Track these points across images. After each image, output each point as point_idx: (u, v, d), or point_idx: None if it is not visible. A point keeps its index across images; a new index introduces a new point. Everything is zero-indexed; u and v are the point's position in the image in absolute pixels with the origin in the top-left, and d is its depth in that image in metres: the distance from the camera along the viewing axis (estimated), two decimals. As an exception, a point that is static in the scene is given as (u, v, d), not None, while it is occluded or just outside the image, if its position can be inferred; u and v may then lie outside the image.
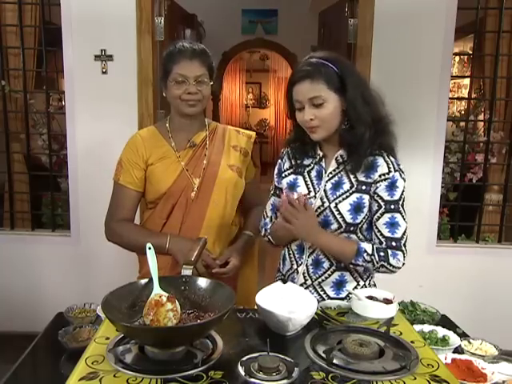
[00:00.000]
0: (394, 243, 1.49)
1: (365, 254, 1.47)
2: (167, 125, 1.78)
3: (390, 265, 1.48)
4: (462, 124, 3.19)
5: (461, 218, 3.17)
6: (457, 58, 4.46)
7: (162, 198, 1.72)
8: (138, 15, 2.84)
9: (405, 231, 1.50)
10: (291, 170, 1.63)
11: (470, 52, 3.70)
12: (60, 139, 3.20)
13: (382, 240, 1.50)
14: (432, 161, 2.98)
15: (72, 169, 3.02)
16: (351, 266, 1.52)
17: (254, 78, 10.43)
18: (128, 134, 1.81)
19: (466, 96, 3.29)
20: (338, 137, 1.54)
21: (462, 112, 3.36)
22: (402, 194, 1.50)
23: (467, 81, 3.61)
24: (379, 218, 1.50)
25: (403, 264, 1.50)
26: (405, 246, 1.50)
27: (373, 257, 1.47)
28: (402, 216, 1.50)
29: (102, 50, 2.87)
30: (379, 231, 1.50)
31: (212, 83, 1.71)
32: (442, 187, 3.06)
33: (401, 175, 1.50)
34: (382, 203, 1.49)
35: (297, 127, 1.58)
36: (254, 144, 1.88)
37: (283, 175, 1.64)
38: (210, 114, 7.09)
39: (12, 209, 3.25)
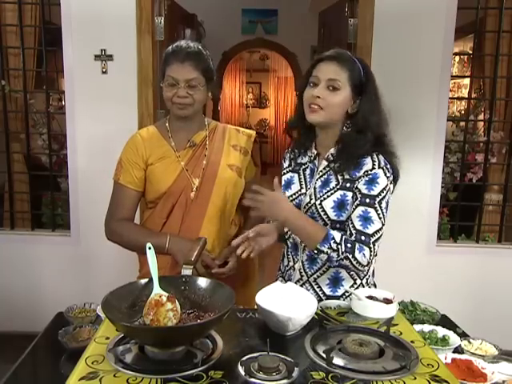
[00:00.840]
0: (363, 237, 1.43)
1: (332, 241, 1.41)
2: (167, 124, 1.78)
3: (355, 258, 1.41)
4: (462, 124, 3.19)
5: (461, 217, 3.17)
6: (457, 58, 4.45)
7: (162, 197, 1.72)
8: (137, 15, 2.84)
9: (378, 230, 1.44)
10: (289, 168, 1.68)
11: (470, 52, 3.70)
12: (60, 139, 3.20)
13: (353, 232, 1.45)
14: (432, 161, 2.98)
15: (72, 169, 3.02)
16: (315, 252, 1.45)
17: (254, 77, 10.42)
18: (128, 134, 1.81)
19: (466, 96, 3.29)
20: (334, 137, 1.55)
21: (462, 112, 3.37)
22: (381, 191, 1.45)
23: (467, 81, 3.60)
24: (354, 210, 1.47)
25: (368, 263, 1.44)
26: (373, 245, 1.43)
27: (339, 246, 1.41)
28: (378, 214, 1.45)
29: (101, 50, 2.87)
30: (352, 223, 1.46)
31: (205, 85, 1.68)
32: (441, 187, 3.06)
33: (385, 174, 1.47)
34: (359, 195, 1.47)
35: (299, 107, 1.58)
36: (254, 143, 1.88)
37: (282, 173, 1.69)
38: (210, 113, 7.08)
39: (12, 209, 3.25)
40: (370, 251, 1.43)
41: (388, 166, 1.49)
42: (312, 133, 1.61)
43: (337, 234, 1.44)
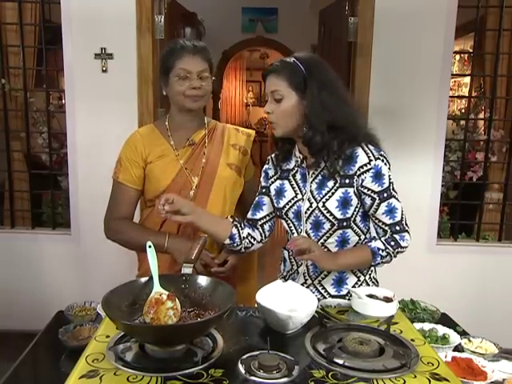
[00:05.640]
0: (397, 227, 1.52)
1: (380, 252, 1.50)
2: (166, 123, 1.78)
3: (403, 247, 1.52)
4: (463, 122, 3.18)
5: (461, 216, 3.17)
6: (457, 57, 4.45)
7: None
8: (138, 13, 2.83)
9: (402, 210, 1.53)
10: (276, 176, 1.65)
11: (471, 50, 3.70)
12: (60, 137, 3.20)
13: (386, 228, 1.52)
14: (432, 159, 2.98)
15: (72, 167, 3.02)
16: (372, 266, 1.56)
17: (254, 76, 10.41)
18: (128, 133, 1.81)
19: (467, 94, 3.29)
20: None
21: (463, 110, 3.36)
22: (389, 179, 1.50)
23: (467, 79, 3.60)
24: (376, 209, 1.51)
25: (410, 241, 1.55)
26: (407, 225, 1.54)
27: (387, 250, 1.50)
28: (396, 198, 1.52)
29: (102, 49, 2.87)
30: (380, 221, 1.52)
31: (214, 78, 1.72)
32: (442, 185, 3.06)
33: (383, 161, 1.49)
34: (375, 195, 1.49)
35: None
36: (254, 143, 1.88)
37: (270, 182, 1.67)
38: (210, 112, 7.08)
39: (12, 207, 3.25)
40: (408, 232, 1.54)
41: (381, 153, 1.50)
42: (292, 139, 1.59)
43: (378, 243, 1.51)
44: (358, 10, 2.90)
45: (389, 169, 1.50)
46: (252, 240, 1.67)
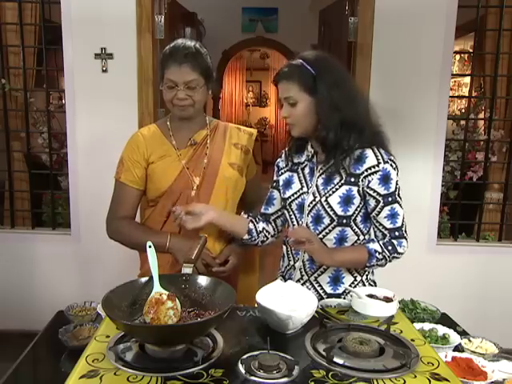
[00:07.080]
0: (396, 233, 1.53)
1: (376, 254, 1.51)
2: (168, 123, 1.78)
3: (399, 253, 1.53)
4: (463, 122, 3.18)
5: (461, 216, 3.17)
6: (457, 57, 4.45)
7: (163, 196, 1.72)
8: (138, 13, 2.83)
9: (403, 218, 1.54)
10: (287, 168, 1.69)
11: (471, 50, 3.70)
12: (60, 137, 3.20)
13: (385, 232, 1.53)
14: (432, 159, 2.98)
15: (72, 167, 3.02)
16: (367, 268, 1.56)
17: (255, 76, 10.43)
18: (128, 133, 1.80)
19: (467, 94, 3.29)
20: None
21: (463, 110, 3.36)
22: (396, 184, 1.52)
23: (468, 79, 3.60)
24: (379, 212, 1.52)
25: (407, 248, 1.55)
26: (406, 232, 1.55)
27: (384, 253, 1.51)
28: (400, 204, 1.53)
29: (102, 49, 2.87)
30: (381, 224, 1.54)
31: (204, 86, 1.66)
32: (442, 185, 3.06)
33: (392, 166, 1.51)
34: (380, 198, 1.51)
35: None
36: (256, 142, 1.88)
37: (280, 173, 1.70)
38: (211, 112, 7.08)
39: (12, 207, 3.25)
40: (406, 239, 1.55)
41: (391, 158, 1.52)
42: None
43: (375, 245, 1.52)
44: (358, 10, 2.90)
45: (397, 174, 1.52)
46: (267, 234, 1.73)
